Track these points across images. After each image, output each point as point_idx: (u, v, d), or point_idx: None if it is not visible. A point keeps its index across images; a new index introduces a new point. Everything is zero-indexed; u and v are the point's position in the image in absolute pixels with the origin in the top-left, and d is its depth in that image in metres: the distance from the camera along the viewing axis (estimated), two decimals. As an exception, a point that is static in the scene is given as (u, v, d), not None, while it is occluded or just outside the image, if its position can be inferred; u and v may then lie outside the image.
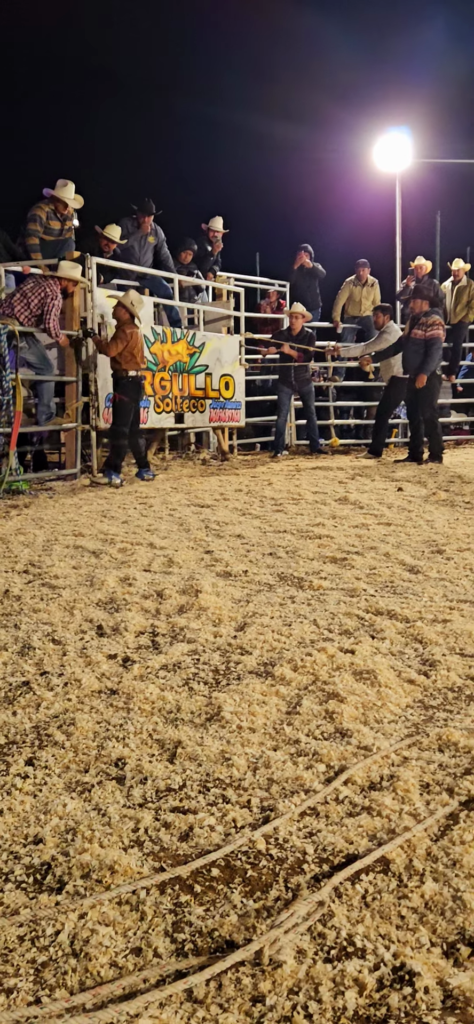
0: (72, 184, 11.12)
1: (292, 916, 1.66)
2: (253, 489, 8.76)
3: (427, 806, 2.11)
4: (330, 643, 3.41)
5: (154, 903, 1.74)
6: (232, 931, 1.65)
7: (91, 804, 2.17)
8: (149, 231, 12.45)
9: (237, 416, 13.12)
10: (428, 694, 2.92)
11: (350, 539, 5.73)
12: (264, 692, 2.90)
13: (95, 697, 2.92)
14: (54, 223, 11.08)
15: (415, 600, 4.11)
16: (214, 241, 14.25)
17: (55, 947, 1.61)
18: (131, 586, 4.45)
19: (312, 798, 2.15)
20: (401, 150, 16.91)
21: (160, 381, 11.38)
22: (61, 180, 11.09)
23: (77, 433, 10.25)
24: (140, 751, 2.48)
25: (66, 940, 1.63)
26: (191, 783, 2.27)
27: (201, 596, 4.15)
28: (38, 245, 10.87)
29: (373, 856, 1.87)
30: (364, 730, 2.58)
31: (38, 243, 10.87)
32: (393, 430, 14.81)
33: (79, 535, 6.04)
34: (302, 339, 12.97)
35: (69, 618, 3.89)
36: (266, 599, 4.18)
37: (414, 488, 8.67)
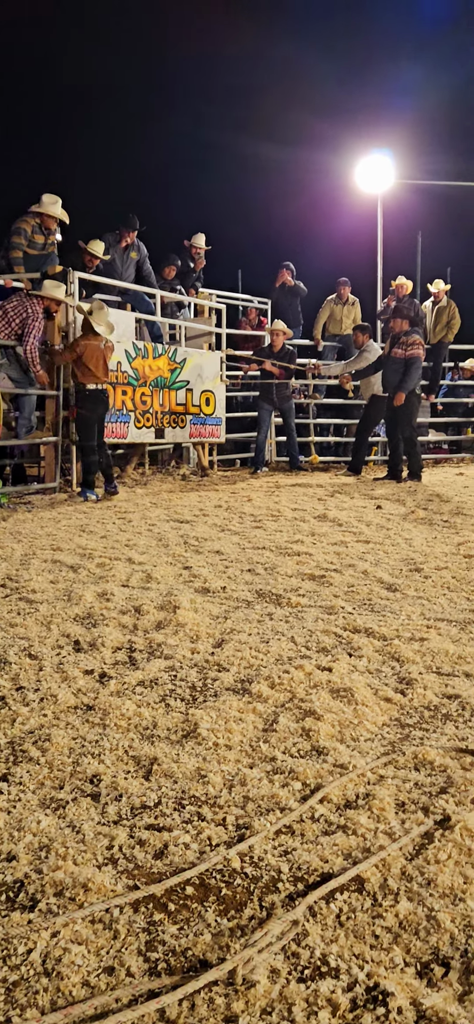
0: (58, 198, 11.14)
1: (266, 935, 1.66)
2: (232, 505, 8.76)
3: (402, 825, 2.11)
4: (307, 660, 3.41)
5: (127, 921, 1.73)
6: (206, 950, 1.64)
7: (65, 821, 2.15)
8: (132, 247, 12.46)
9: (217, 432, 13.13)
10: (405, 712, 2.92)
11: (329, 556, 5.74)
12: (241, 709, 2.89)
13: (71, 713, 2.90)
14: (38, 237, 11.08)
15: (393, 618, 4.12)
16: (197, 257, 14.30)
17: (27, 966, 1.60)
18: (109, 601, 4.43)
19: (287, 816, 2.15)
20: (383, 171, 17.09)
21: (141, 396, 11.38)
22: (48, 196, 11.09)
23: (57, 447, 10.22)
24: (115, 768, 2.46)
25: (38, 959, 1.61)
26: (166, 800, 2.26)
27: (179, 612, 4.14)
28: (21, 259, 10.86)
29: (348, 875, 1.87)
30: (340, 748, 2.58)
31: (21, 256, 10.86)
32: (372, 448, 14.87)
33: (57, 549, 6.02)
34: (283, 356, 13.01)
35: (46, 633, 3.87)
36: (244, 616, 4.17)
37: (393, 506, 8.70)
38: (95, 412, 9.68)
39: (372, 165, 17.10)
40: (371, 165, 17.11)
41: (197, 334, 13.51)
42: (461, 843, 1.99)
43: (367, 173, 17.20)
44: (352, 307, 15.46)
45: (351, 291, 15.54)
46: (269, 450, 14.31)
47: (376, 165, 17.06)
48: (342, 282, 15.45)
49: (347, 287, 15.45)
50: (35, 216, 11.04)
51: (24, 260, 10.86)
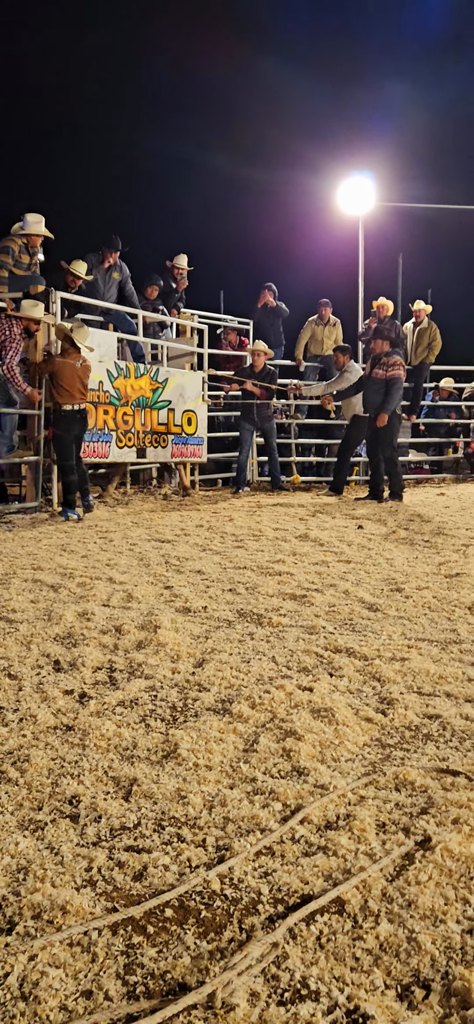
0: (42, 217, 11.16)
1: (246, 958, 1.65)
2: (214, 525, 8.75)
3: (383, 846, 2.10)
4: (288, 680, 3.40)
5: (106, 944, 1.71)
6: (185, 973, 1.63)
7: (44, 842, 2.13)
8: (114, 267, 12.49)
9: (199, 452, 13.14)
10: (385, 732, 2.92)
11: (310, 576, 5.74)
12: (221, 729, 2.88)
13: (50, 733, 2.88)
14: (24, 257, 11.09)
15: (374, 638, 4.12)
16: (179, 278, 14.33)
17: (3, 989, 1.58)
18: (89, 621, 4.41)
19: (268, 837, 2.14)
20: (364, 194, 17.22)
21: (123, 416, 11.37)
22: (32, 215, 11.11)
23: (38, 466, 10.19)
24: (95, 788, 2.45)
25: (15, 982, 1.59)
26: (146, 821, 2.24)
27: (160, 632, 4.12)
28: (6, 278, 10.85)
29: (328, 896, 1.86)
30: (321, 768, 2.58)
31: (6, 276, 10.87)
32: (354, 468, 14.91)
33: (38, 569, 5.99)
34: (264, 376, 13.04)
35: (26, 652, 3.85)
36: (225, 635, 4.16)
37: (374, 526, 8.72)
38: (71, 432, 9.66)
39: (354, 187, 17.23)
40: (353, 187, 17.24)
41: (179, 354, 13.53)
42: (442, 864, 1.99)
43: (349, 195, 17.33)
44: (333, 328, 15.52)
45: (332, 312, 15.61)
46: (251, 470, 14.32)
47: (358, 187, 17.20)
48: (323, 303, 15.52)
49: (328, 308, 15.52)
50: (21, 236, 11.07)
51: (10, 280, 10.87)
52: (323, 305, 15.49)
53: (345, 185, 17.31)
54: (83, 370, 9.65)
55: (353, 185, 17.23)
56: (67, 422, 9.62)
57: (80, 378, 9.59)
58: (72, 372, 9.53)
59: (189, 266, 14.42)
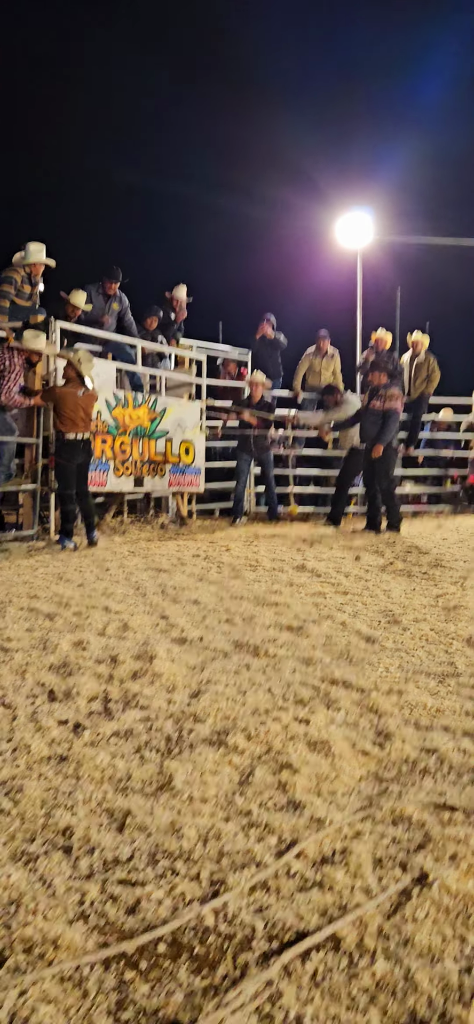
0: (43, 245, 11.23)
1: (240, 995, 1.62)
2: (211, 555, 8.73)
3: (379, 882, 2.08)
4: (285, 712, 3.38)
5: (98, 980, 1.69)
6: (178, 1010, 1.60)
7: (36, 875, 2.11)
8: (114, 298, 12.55)
9: (197, 481, 13.13)
10: (382, 766, 2.90)
11: (307, 607, 5.72)
12: (217, 761, 2.86)
13: (44, 764, 2.86)
14: (26, 287, 11.16)
15: (371, 670, 4.10)
16: (178, 309, 14.38)
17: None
18: (85, 650, 4.39)
19: (263, 872, 2.11)
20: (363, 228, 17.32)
21: (120, 445, 11.38)
22: (33, 244, 11.18)
23: (35, 494, 10.18)
24: (89, 820, 2.42)
25: (5, 1018, 1.57)
26: (140, 854, 2.22)
27: (155, 662, 4.10)
28: (8, 308, 10.90)
29: (324, 933, 1.83)
30: (317, 802, 2.55)
31: (8, 306, 10.91)
32: (352, 499, 14.90)
33: (34, 597, 5.97)
34: (262, 407, 13.07)
35: (20, 682, 3.82)
36: (221, 666, 4.14)
37: (372, 557, 8.71)
38: (73, 461, 9.58)
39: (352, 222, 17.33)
40: (351, 222, 17.34)
41: (177, 384, 13.56)
42: (439, 901, 1.97)
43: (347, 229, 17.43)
44: (331, 359, 15.57)
45: (330, 343, 15.67)
46: (248, 500, 14.31)
47: (356, 222, 17.30)
48: (321, 335, 15.57)
49: (326, 340, 15.57)
50: (23, 266, 11.13)
51: (11, 310, 10.91)
52: (321, 337, 15.55)
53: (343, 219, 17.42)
54: (86, 399, 9.63)
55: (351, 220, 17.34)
56: (69, 451, 9.55)
57: (83, 407, 9.55)
58: (75, 401, 9.50)
59: (188, 296, 14.49)
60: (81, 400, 9.52)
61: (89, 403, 9.66)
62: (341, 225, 17.50)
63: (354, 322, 17.43)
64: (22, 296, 11.10)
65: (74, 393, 9.49)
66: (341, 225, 17.50)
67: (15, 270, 11.06)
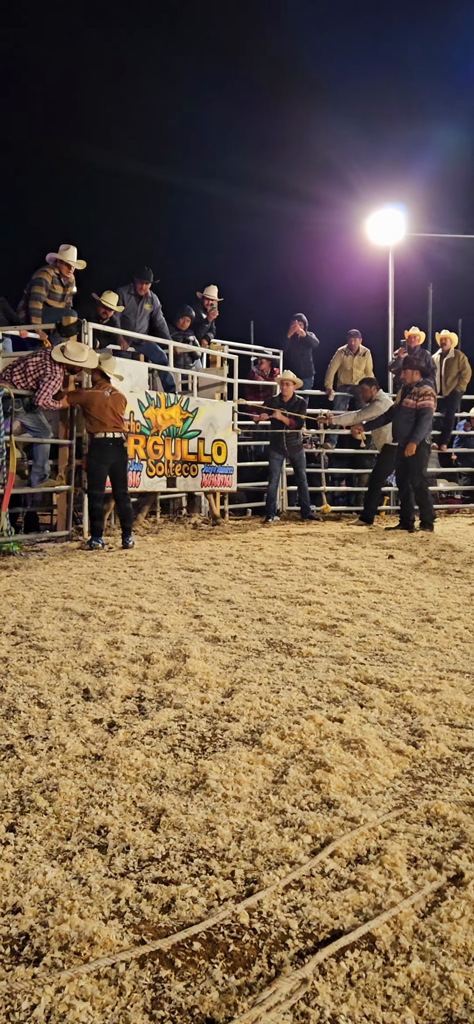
0: (74, 248, 11.32)
1: (275, 994, 1.62)
2: (244, 554, 8.74)
3: (414, 881, 2.07)
4: (318, 711, 3.37)
5: (133, 977, 1.70)
6: (213, 1008, 1.60)
7: (72, 873, 2.12)
8: (145, 298, 12.60)
9: (229, 481, 13.15)
10: (417, 765, 2.88)
11: (340, 606, 5.71)
12: (250, 760, 2.86)
13: (79, 762, 2.88)
14: (57, 287, 11.26)
15: (405, 669, 4.08)
16: (209, 309, 14.42)
17: (31, 1022, 1.57)
18: (119, 650, 4.41)
19: (297, 871, 2.11)
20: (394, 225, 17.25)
21: (153, 445, 11.42)
22: (64, 244, 11.29)
23: (69, 495, 10.25)
24: (123, 819, 2.43)
25: (42, 1015, 1.58)
26: (174, 853, 2.23)
27: (189, 661, 4.11)
28: (41, 310, 11.00)
29: (359, 932, 1.83)
30: (351, 801, 2.55)
31: (41, 308, 11.01)
32: (384, 497, 14.85)
33: (68, 597, 6.01)
34: (293, 406, 13.05)
35: (55, 681, 3.85)
36: (254, 665, 4.14)
37: (405, 556, 8.67)
38: (102, 460, 9.61)
39: (384, 218, 17.27)
40: (383, 218, 17.28)
41: (209, 384, 13.59)
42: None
43: (379, 226, 17.38)
44: (363, 358, 15.54)
45: (362, 342, 15.63)
46: (280, 499, 14.30)
47: (388, 218, 17.24)
48: (353, 333, 15.54)
49: (358, 338, 15.54)
50: (54, 266, 11.23)
51: (44, 312, 11.01)
52: (352, 335, 15.52)
53: (375, 216, 17.37)
54: (113, 399, 9.65)
55: (383, 216, 17.28)
56: (99, 451, 9.60)
57: (111, 407, 9.58)
58: (102, 401, 9.54)
59: (219, 297, 14.52)
60: (109, 400, 9.58)
61: (117, 403, 9.68)
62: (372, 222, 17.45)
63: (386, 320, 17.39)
64: (54, 297, 11.19)
65: (101, 394, 9.55)
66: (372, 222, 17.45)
67: (45, 271, 11.17)
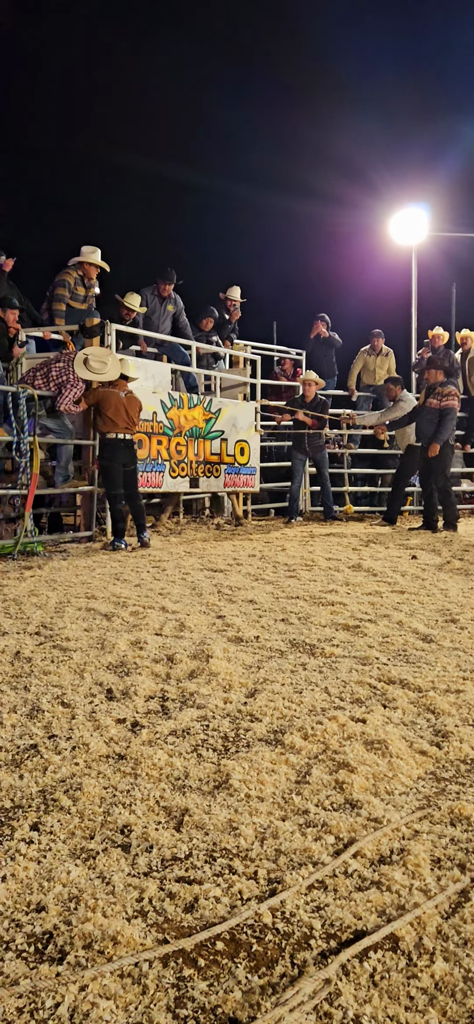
0: (98, 249, 11.38)
1: (298, 994, 1.62)
2: (266, 554, 8.74)
3: (438, 882, 2.06)
4: (341, 712, 3.37)
5: (157, 976, 1.70)
6: (236, 1008, 1.61)
7: (95, 872, 2.13)
8: (168, 299, 12.63)
9: (252, 481, 13.15)
10: (440, 766, 2.87)
11: (363, 607, 5.70)
12: (273, 760, 2.86)
13: (103, 762, 2.89)
14: (80, 289, 11.33)
15: (428, 669, 4.07)
16: (232, 310, 14.43)
17: (54, 1020, 1.57)
18: (142, 650, 4.42)
19: (320, 871, 2.11)
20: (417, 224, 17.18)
21: (176, 446, 11.44)
22: (87, 246, 11.35)
23: (92, 496, 10.29)
24: (146, 818, 2.44)
25: (66, 1013, 1.59)
26: (197, 852, 2.23)
27: (212, 661, 4.12)
28: (64, 311, 11.07)
29: (382, 933, 1.83)
30: (374, 801, 2.54)
31: (65, 309, 11.08)
32: (408, 498, 14.79)
33: (92, 597, 6.03)
34: (316, 406, 13.04)
35: (79, 681, 3.87)
36: (277, 666, 4.14)
37: (428, 556, 8.63)
38: (115, 461, 9.66)
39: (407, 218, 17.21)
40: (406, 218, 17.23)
41: (232, 385, 13.59)
42: (499, 902, 1.94)
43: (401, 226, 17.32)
44: (386, 358, 15.49)
45: (385, 342, 15.58)
46: (303, 499, 14.28)
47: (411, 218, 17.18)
48: (375, 333, 15.50)
49: (380, 338, 15.50)
50: (77, 268, 11.29)
51: (67, 313, 11.08)
52: (375, 336, 15.48)
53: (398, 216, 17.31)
54: (128, 400, 9.64)
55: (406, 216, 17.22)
56: (111, 451, 9.63)
57: (125, 408, 9.58)
58: (117, 402, 9.55)
59: (242, 298, 14.53)
60: (123, 401, 9.61)
61: (132, 404, 9.68)
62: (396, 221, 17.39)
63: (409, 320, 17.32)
64: (76, 299, 11.26)
65: (117, 394, 9.60)
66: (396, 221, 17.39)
67: (68, 273, 11.24)
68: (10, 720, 3.31)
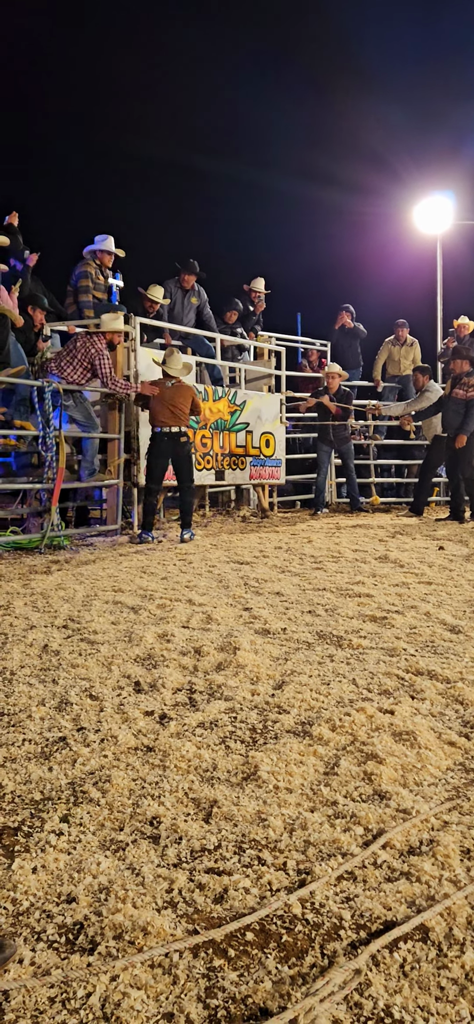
0: (111, 237, 11.43)
1: (328, 984, 1.62)
2: (293, 546, 8.73)
3: (468, 873, 2.05)
4: (369, 703, 3.36)
5: (187, 967, 1.71)
6: (266, 998, 1.61)
7: (125, 863, 2.14)
8: (192, 292, 12.63)
9: (277, 474, 13.13)
10: (469, 757, 2.86)
11: (390, 598, 5.68)
12: (302, 752, 2.86)
13: (131, 754, 2.90)
14: (100, 278, 11.38)
15: (456, 660, 4.05)
16: (257, 301, 14.40)
17: (86, 1010, 1.59)
18: (169, 642, 4.44)
19: (349, 862, 2.11)
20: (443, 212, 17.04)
21: (201, 439, 11.46)
22: (99, 235, 11.40)
23: (118, 490, 10.32)
24: (175, 810, 2.45)
25: (97, 1003, 1.60)
26: (226, 844, 2.23)
27: (239, 653, 4.12)
28: (91, 303, 11.12)
29: (412, 923, 1.82)
30: (403, 793, 2.53)
31: (91, 300, 11.14)
32: (434, 489, 14.72)
33: (118, 591, 6.06)
34: (340, 397, 13.01)
35: (107, 674, 3.89)
36: (305, 657, 4.14)
37: (455, 547, 8.59)
38: (156, 455, 9.67)
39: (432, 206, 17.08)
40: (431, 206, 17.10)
41: (257, 376, 13.58)
42: None
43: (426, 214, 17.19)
44: (411, 348, 15.41)
45: (410, 332, 15.50)
46: (329, 491, 14.26)
47: (436, 206, 17.05)
48: (400, 324, 15.43)
49: (405, 328, 15.42)
50: (93, 257, 11.35)
51: (94, 305, 11.15)
52: (400, 326, 15.41)
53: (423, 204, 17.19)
54: (174, 391, 9.60)
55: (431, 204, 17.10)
56: (152, 443, 9.70)
57: (169, 400, 9.55)
58: (161, 394, 9.57)
59: (266, 289, 14.49)
60: (167, 392, 9.60)
61: (178, 395, 9.64)
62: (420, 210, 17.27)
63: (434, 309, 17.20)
64: (98, 288, 11.35)
65: (163, 385, 9.63)
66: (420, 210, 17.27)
67: (88, 264, 11.32)
68: (39, 713, 3.33)
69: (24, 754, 2.92)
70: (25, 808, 2.49)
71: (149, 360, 10.53)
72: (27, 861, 2.16)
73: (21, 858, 2.17)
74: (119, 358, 10.34)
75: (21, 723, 3.23)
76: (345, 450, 13.24)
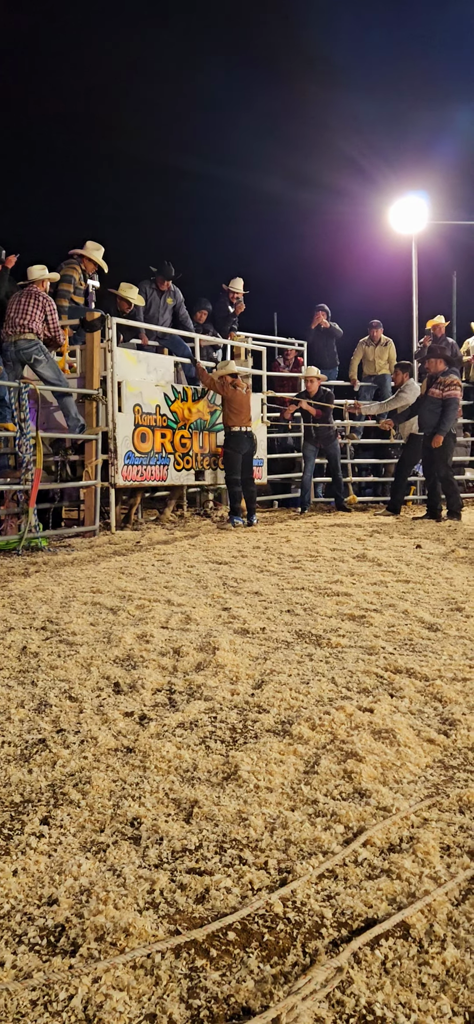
0: (102, 248, 11.36)
1: (310, 982, 1.63)
2: (271, 546, 8.74)
3: (448, 869, 2.07)
4: (348, 701, 3.37)
5: (169, 967, 1.71)
6: (248, 997, 1.61)
7: (106, 864, 2.14)
8: (168, 293, 12.61)
9: (259, 473, 13.13)
10: (448, 754, 2.88)
11: (368, 596, 5.70)
12: (282, 751, 2.87)
13: (111, 755, 2.90)
14: (83, 284, 11.34)
15: (434, 658, 4.07)
16: (236, 302, 14.38)
17: (68, 1012, 1.58)
18: (148, 643, 4.43)
19: (330, 860, 2.12)
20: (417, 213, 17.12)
21: (180, 439, 11.45)
22: (92, 243, 11.31)
23: (96, 490, 10.29)
24: (156, 810, 2.45)
25: (79, 1005, 1.60)
26: (207, 844, 2.24)
27: (218, 653, 4.12)
28: (67, 307, 11.03)
29: (393, 920, 1.83)
30: (383, 790, 2.54)
31: (68, 305, 11.05)
32: (411, 487, 14.78)
33: (97, 592, 6.04)
34: (321, 399, 13.06)
35: (86, 675, 3.88)
36: (284, 657, 4.15)
37: (432, 545, 8.63)
38: (237, 450, 11.28)
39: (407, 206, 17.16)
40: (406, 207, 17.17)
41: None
42: (509, 888, 1.95)
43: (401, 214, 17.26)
44: (385, 348, 15.49)
45: (384, 332, 15.58)
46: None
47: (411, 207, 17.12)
48: (374, 324, 15.52)
49: (379, 329, 15.51)
50: (78, 261, 11.28)
51: (69, 309, 11.05)
52: (374, 326, 15.50)
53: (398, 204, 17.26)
54: (248, 395, 11.51)
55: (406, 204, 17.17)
56: (235, 442, 11.28)
57: (247, 404, 11.44)
58: (241, 399, 11.33)
59: (245, 290, 14.48)
60: (245, 398, 11.47)
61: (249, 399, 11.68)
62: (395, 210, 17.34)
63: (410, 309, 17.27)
64: (79, 293, 11.29)
65: (240, 391, 11.36)
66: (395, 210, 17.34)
67: (73, 268, 11.23)
68: (18, 715, 3.32)
69: (3, 756, 2.91)
70: (5, 811, 2.48)
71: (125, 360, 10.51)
72: (7, 864, 2.15)
73: (1, 860, 2.16)
74: (96, 360, 10.30)
75: (0, 725, 3.22)
76: (332, 450, 13.33)
